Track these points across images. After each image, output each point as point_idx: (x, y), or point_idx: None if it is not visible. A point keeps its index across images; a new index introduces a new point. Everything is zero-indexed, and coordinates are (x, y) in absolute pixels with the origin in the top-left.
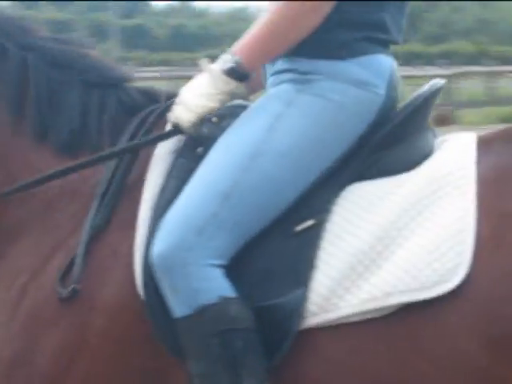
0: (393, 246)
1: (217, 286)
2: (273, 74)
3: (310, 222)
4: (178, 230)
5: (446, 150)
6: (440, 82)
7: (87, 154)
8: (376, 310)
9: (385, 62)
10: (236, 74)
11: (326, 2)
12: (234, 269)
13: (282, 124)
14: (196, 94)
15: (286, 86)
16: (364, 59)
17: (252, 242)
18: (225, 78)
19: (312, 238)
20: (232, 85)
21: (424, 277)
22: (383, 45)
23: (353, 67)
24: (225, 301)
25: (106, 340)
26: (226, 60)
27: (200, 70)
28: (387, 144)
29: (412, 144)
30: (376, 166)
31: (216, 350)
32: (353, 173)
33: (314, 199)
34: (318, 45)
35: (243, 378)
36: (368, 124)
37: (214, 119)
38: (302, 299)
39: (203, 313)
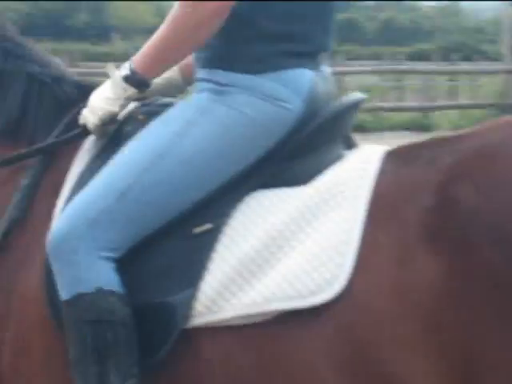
0: (279, 253)
1: (97, 278)
2: (196, 81)
3: (207, 226)
4: (72, 218)
5: (348, 162)
6: (358, 95)
7: (24, 144)
8: (256, 315)
9: (304, 76)
10: (132, 81)
11: (225, 6)
12: (130, 264)
13: (192, 131)
14: (99, 98)
15: (203, 95)
16: (280, 74)
17: (151, 239)
18: (123, 84)
19: (208, 241)
20: (129, 91)
21: (302, 286)
22: (305, 56)
23: (268, 82)
24: (100, 292)
25: (21, 326)
26: (125, 67)
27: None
28: (293, 156)
29: (318, 156)
30: (281, 176)
31: (87, 337)
32: (258, 181)
33: (216, 204)
34: (235, 58)
35: (109, 369)
36: (278, 138)
37: (141, 117)
38: (191, 299)
39: (79, 300)
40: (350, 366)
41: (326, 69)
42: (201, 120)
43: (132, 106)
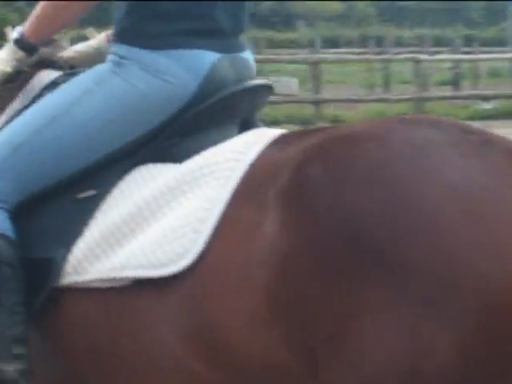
0: (144, 224)
1: None
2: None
3: (91, 192)
4: None
5: (229, 144)
6: (263, 80)
7: None
8: (114, 279)
9: (204, 57)
10: (21, 44)
11: (76, 4)
12: (20, 219)
13: (86, 99)
14: None
15: (104, 66)
16: (177, 53)
17: (41, 199)
18: (14, 47)
19: (89, 207)
20: (19, 54)
21: (154, 257)
22: (206, 37)
23: (162, 58)
24: None
25: None
26: (17, 30)
27: None
28: (182, 133)
29: (206, 136)
30: (169, 152)
31: None
32: (147, 154)
33: (103, 172)
34: (136, 33)
35: None
36: (170, 114)
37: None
38: (62, 259)
39: None
40: (193, 336)
41: (246, 54)
42: (96, 89)
43: (57, 74)
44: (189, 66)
